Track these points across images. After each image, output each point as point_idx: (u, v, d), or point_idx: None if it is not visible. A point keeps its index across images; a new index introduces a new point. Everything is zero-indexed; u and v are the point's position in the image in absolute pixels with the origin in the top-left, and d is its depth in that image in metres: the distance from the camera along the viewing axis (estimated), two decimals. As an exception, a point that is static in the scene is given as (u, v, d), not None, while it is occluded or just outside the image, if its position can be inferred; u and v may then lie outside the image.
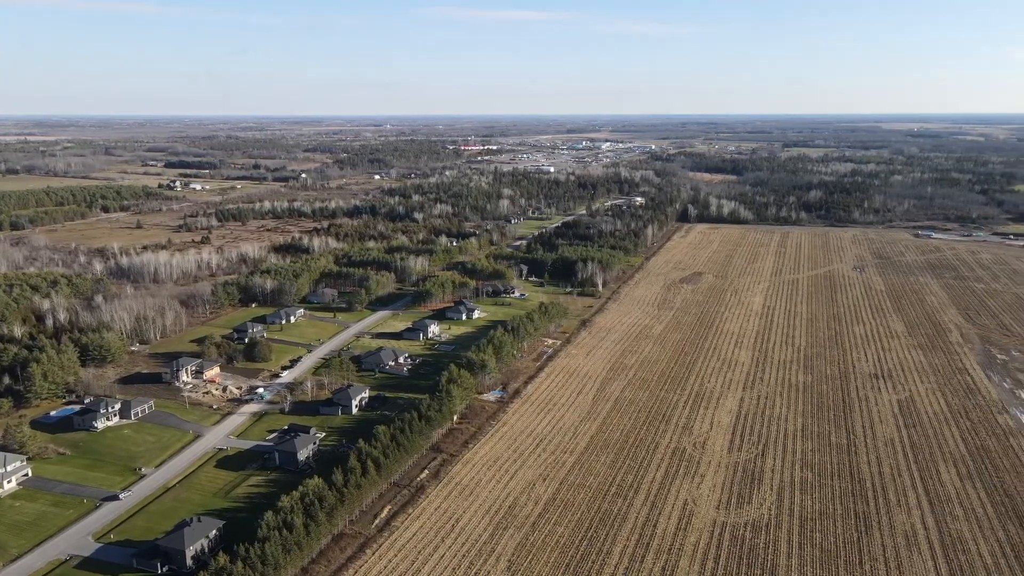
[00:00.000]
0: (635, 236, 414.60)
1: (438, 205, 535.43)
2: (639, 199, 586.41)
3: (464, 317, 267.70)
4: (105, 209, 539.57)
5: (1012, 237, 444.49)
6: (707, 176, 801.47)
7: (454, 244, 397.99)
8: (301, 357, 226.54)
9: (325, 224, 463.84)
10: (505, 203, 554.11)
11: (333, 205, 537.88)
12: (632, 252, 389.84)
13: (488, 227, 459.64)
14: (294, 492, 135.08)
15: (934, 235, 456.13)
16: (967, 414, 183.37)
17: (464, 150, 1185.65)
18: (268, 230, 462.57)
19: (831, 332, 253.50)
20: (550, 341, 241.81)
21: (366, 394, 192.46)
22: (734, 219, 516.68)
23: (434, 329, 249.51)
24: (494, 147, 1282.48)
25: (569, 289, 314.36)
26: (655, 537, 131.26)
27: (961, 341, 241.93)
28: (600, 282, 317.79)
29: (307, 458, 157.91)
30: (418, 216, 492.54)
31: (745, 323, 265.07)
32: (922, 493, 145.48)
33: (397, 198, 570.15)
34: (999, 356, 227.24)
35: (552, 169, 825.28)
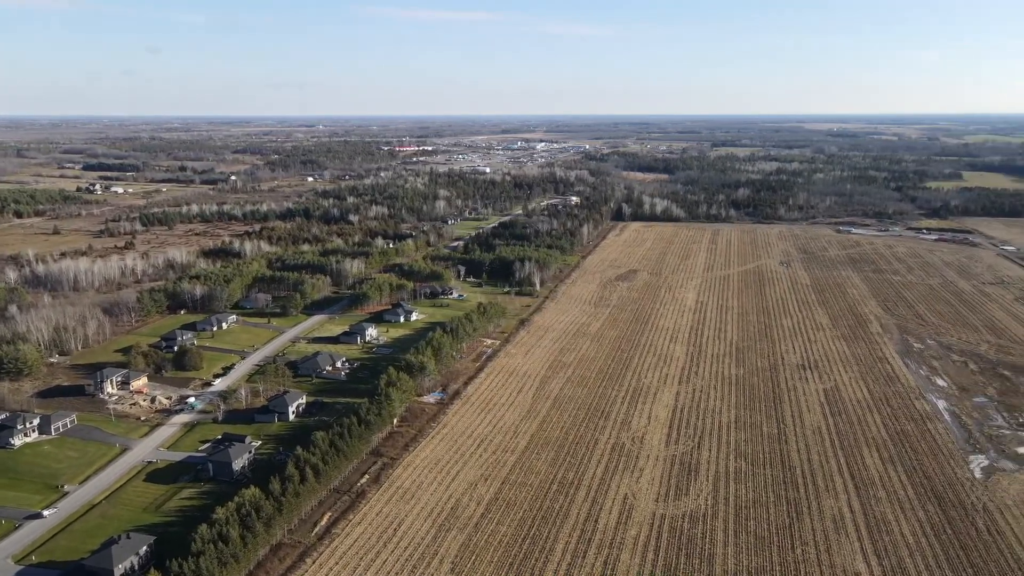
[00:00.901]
0: (571, 235, 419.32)
1: (374, 207, 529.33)
2: (574, 198, 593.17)
3: (402, 319, 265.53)
4: (18, 214, 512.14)
5: (925, 232, 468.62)
6: (640, 175, 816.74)
7: (391, 246, 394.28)
8: (234, 364, 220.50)
9: (257, 227, 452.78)
10: (442, 204, 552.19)
11: (265, 208, 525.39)
12: (569, 251, 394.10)
13: (425, 228, 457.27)
14: (229, 503, 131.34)
15: (854, 231, 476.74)
16: (887, 401, 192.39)
17: (399, 151, 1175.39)
18: (196, 234, 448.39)
19: (761, 326, 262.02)
20: (489, 341, 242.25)
21: (303, 400, 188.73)
22: (667, 217, 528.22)
23: (372, 332, 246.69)
24: (429, 148, 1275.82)
25: (507, 289, 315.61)
26: (596, 532, 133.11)
27: (880, 331, 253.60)
28: (538, 281, 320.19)
29: (243, 467, 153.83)
30: (353, 218, 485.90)
31: (679, 319, 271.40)
32: (848, 478, 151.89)
33: (331, 200, 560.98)
34: (915, 345, 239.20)
35: (488, 170, 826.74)
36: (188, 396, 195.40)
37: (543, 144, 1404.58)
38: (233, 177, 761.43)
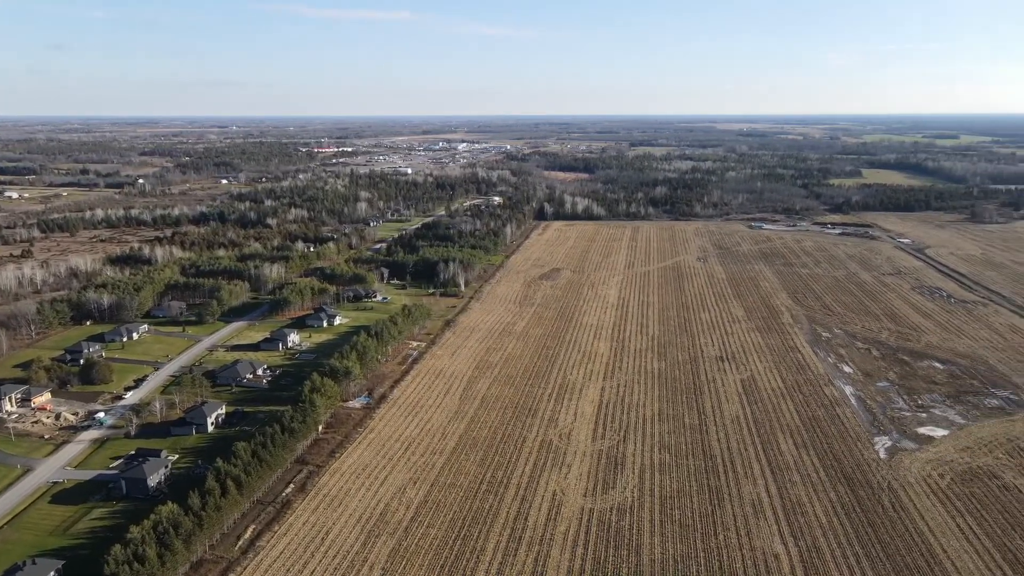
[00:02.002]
0: (495, 235, 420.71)
1: (293, 209, 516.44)
2: (497, 199, 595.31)
3: (325, 324, 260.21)
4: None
5: (829, 227, 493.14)
6: (561, 175, 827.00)
7: (311, 249, 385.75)
8: (147, 376, 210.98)
9: (169, 233, 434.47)
10: (363, 206, 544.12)
11: (177, 212, 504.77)
12: (492, 251, 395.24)
13: (347, 231, 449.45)
14: (145, 521, 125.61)
15: (765, 226, 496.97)
16: (799, 388, 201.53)
17: (318, 152, 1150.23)
18: (102, 241, 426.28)
19: (681, 320, 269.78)
20: (415, 343, 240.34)
21: (223, 410, 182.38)
22: (588, 216, 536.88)
23: (294, 338, 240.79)
24: (349, 149, 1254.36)
25: (432, 290, 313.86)
26: (527, 530, 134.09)
27: (792, 322, 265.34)
28: (462, 282, 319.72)
29: (159, 483, 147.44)
30: (272, 221, 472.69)
31: (602, 315, 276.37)
32: (765, 464, 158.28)
33: (248, 203, 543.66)
34: (823, 334, 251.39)
35: (410, 171, 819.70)
36: (97, 411, 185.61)
37: (465, 145, 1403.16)
38: (141, 180, 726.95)
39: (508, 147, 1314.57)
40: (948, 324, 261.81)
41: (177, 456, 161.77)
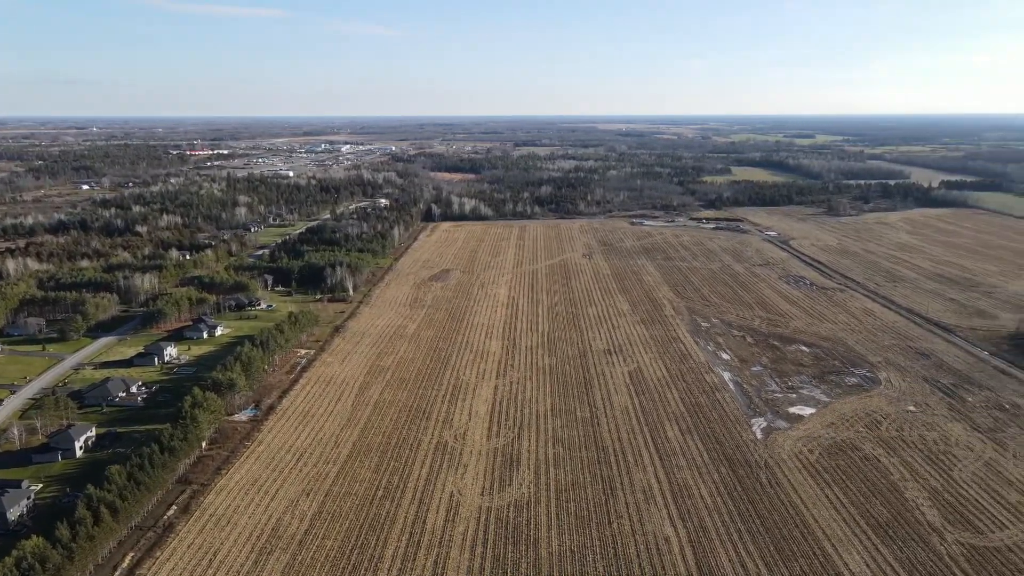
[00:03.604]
0: (382, 238, 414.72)
1: (165, 216, 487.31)
2: (384, 201, 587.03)
3: (206, 335, 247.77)
4: None
5: (704, 221, 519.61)
6: (448, 175, 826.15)
7: (187, 257, 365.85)
8: (2, 400, 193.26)
9: (22, 243, 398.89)
10: (243, 211, 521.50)
11: (31, 220, 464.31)
12: (381, 254, 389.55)
13: (226, 237, 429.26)
14: (7, 558, 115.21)
15: (646, 222, 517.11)
16: (683, 377, 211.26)
17: (191, 155, 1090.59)
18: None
19: (569, 316, 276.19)
20: (303, 351, 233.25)
21: (92, 433, 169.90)
22: (476, 216, 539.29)
23: (171, 351, 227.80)
24: (225, 151, 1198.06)
25: (319, 296, 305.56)
26: (425, 533, 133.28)
27: (673, 314, 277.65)
28: (351, 286, 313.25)
29: (20, 516, 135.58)
30: (142, 229, 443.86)
31: (493, 314, 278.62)
32: (654, 451, 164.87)
33: (114, 210, 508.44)
34: (703, 324, 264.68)
35: (291, 173, 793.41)
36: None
37: (348, 146, 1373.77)
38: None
39: (393, 148, 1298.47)
40: (812, 310, 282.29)
41: (41, 485, 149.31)
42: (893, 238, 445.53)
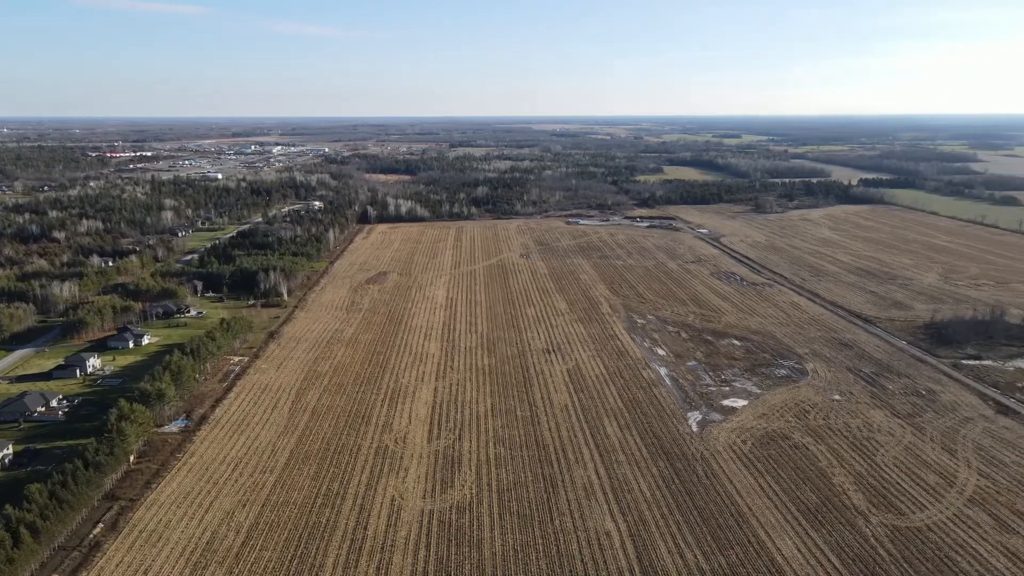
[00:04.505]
0: (317, 241, 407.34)
1: (85, 221, 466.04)
2: (318, 203, 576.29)
3: (131, 345, 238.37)
4: None
5: (638, 220, 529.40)
6: (383, 177, 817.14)
7: (110, 264, 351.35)
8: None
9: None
10: (169, 215, 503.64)
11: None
12: (315, 257, 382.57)
13: (151, 242, 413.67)
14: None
15: (581, 222, 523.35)
16: (620, 373, 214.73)
17: (112, 157, 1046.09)
18: None
19: (508, 316, 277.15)
20: (236, 358, 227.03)
21: (9, 450, 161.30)
22: (412, 217, 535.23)
23: (94, 363, 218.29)
24: (149, 153, 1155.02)
25: (252, 301, 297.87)
26: (367, 539, 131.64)
27: (610, 311, 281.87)
28: (285, 291, 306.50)
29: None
30: (59, 235, 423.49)
31: (431, 316, 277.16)
32: (593, 448, 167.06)
33: (28, 215, 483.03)
34: (639, 320, 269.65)
35: (220, 176, 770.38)
36: None
37: (279, 148, 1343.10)
38: None
39: (326, 150, 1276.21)
40: (742, 305, 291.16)
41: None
42: (816, 234, 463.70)
